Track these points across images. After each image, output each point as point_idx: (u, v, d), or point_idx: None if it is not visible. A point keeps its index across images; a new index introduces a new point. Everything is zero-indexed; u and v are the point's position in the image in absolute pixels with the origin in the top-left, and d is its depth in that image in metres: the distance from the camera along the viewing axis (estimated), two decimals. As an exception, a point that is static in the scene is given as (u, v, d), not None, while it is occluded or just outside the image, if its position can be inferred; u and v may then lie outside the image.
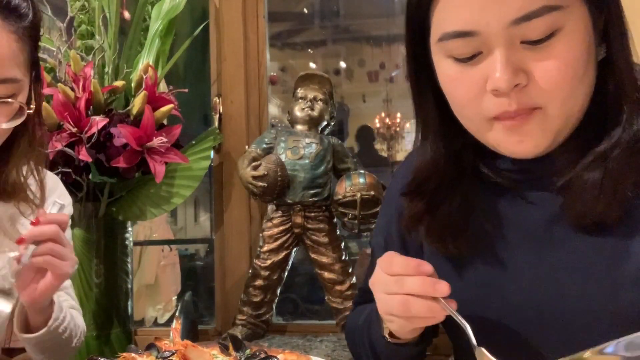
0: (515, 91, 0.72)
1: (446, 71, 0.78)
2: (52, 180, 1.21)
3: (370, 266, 0.95)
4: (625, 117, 0.74)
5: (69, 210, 1.22)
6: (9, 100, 0.95)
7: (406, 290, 0.74)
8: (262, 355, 0.94)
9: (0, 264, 1.06)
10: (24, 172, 1.08)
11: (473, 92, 0.75)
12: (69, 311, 1.10)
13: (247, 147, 1.72)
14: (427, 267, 0.75)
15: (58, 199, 1.17)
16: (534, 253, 0.81)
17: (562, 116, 0.74)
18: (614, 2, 0.76)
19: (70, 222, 1.22)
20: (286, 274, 1.61)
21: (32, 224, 0.94)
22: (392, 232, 0.98)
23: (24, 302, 1.00)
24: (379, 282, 0.79)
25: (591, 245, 0.77)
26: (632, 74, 0.75)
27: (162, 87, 1.69)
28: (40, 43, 1.07)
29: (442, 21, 0.76)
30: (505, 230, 0.84)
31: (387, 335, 0.86)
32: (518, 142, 0.75)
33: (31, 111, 1.00)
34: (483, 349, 0.72)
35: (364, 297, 1.03)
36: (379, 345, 0.90)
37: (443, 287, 0.73)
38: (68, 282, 1.20)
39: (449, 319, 0.77)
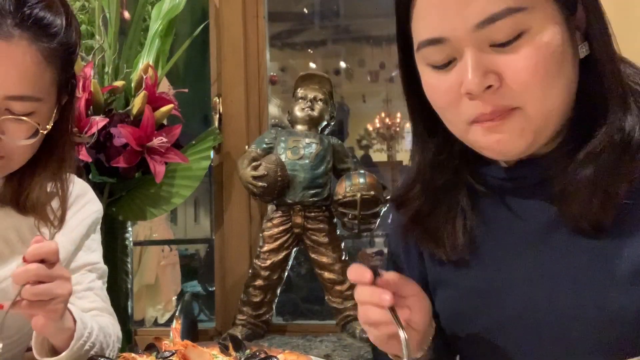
0: (489, 93, 0.72)
1: (427, 79, 0.79)
2: (81, 187, 1.18)
3: None
4: (611, 114, 0.74)
5: (98, 215, 1.19)
6: (24, 118, 0.92)
7: (359, 299, 0.79)
8: (262, 355, 0.94)
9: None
10: (48, 189, 1.05)
11: (450, 98, 0.76)
12: (96, 322, 1.03)
13: (247, 147, 1.72)
14: (368, 274, 0.77)
15: (87, 204, 1.15)
16: (531, 262, 0.80)
17: (540, 115, 0.74)
18: (591, 1, 0.76)
19: (98, 228, 1.21)
20: (286, 274, 1.61)
21: (23, 259, 0.87)
22: (393, 242, 0.99)
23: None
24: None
25: (587, 251, 0.76)
26: (615, 71, 0.75)
27: (164, 85, 1.69)
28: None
29: (417, 31, 0.77)
30: (501, 239, 0.84)
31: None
32: (497, 142, 0.76)
33: (45, 132, 0.97)
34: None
35: None
36: None
37: (386, 297, 0.75)
38: (97, 283, 1.16)
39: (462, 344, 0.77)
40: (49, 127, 0.98)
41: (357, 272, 0.78)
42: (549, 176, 0.78)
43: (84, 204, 1.17)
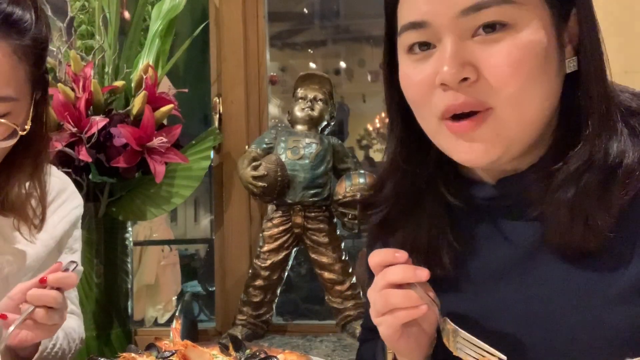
0: (464, 86, 0.70)
1: (404, 69, 0.77)
2: (62, 181, 1.18)
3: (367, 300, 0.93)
4: (591, 132, 0.71)
5: (79, 211, 1.19)
6: (1, 120, 0.90)
7: (388, 280, 0.74)
8: (262, 355, 0.94)
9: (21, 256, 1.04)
10: (27, 187, 1.04)
11: (424, 88, 0.74)
12: (62, 328, 1.04)
13: (247, 147, 1.72)
14: (402, 253, 0.75)
15: (68, 200, 1.15)
16: (518, 284, 0.78)
17: (514, 121, 0.71)
18: (586, 12, 0.74)
19: (79, 224, 1.21)
20: (286, 274, 1.61)
21: (41, 281, 0.90)
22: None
23: (8, 344, 0.94)
24: (371, 288, 0.78)
25: (576, 273, 0.74)
26: (602, 90, 0.72)
27: (164, 85, 1.69)
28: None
29: (401, 15, 0.76)
30: (485, 259, 0.81)
31: None
32: (468, 149, 0.73)
33: (24, 132, 0.94)
34: (447, 319, 0.75)
35: (368, 335, 0.99)
36: None
37: (422, 273, 0.73)
38: None
39: None
40: (27, 127, 0.95)
41: (387, 253, 0.75)
42: (529, 195, 0.75)
43: (65, 199, 1.16)
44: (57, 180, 1.16)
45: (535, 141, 0.75)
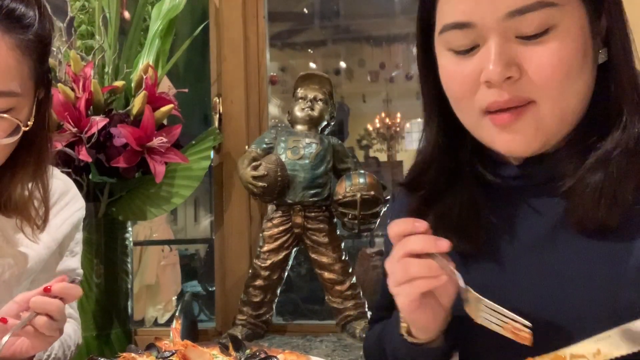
0: (508, 83, 0.73)
1: (445, 65, 0.80)
2: (65, 183, 1.18)
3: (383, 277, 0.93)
4: (625, 119, 0.75)
5: (81, 213, 1.19)
6: (4, 115, 0.89)
7: (409, 249, 0.75)
8: (262, 355, 0.94)
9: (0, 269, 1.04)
10: (30, 188, 1.03)
11: (468, 84, 0.77)
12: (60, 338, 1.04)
13: (247, 147, 1.72)
14: (422, 223, 0.76)
15: (70, 202, 1.14)
16: (537, 258, 0.81)
17: (555, 115, 0.75)
18: (616, 7, 0.77)
19: (81, 227, 1.21)
20: (286, 274, 1.61)
21: (45, 289, 0.90)
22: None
23: (1, 356, 0.93)
24: (389, 258, 0.78)
25: (594, 249, 0.76)
26: (632, 78, 0.76)
27: (165, 85, 1.69)
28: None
29: (443, 15, 0.78)
30: (509, 234, 0.84)
31: (404, 333, 0.84)
32: (510, 140, 0.77)
33: (27, 128, 0.94)
34: (469, 288, 0.75)
35: (379, 314, 1.02)
36: (400, 352, 0.89)
37: (443, 243, 0.74)
38: None
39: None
40: (30, 123, 0.95)
41: (407, 223, 0.76)
42: (557, 175, 0.79)
43: (68, 201, 1.16)
44: (60, 182, 1.15)
45: None
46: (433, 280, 0.74)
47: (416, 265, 0.74)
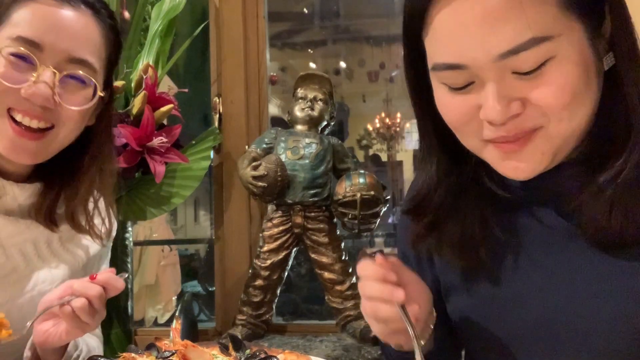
0: (512, 119, 0.70)
1: (441, 97, 0.77)
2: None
3: None
4: (635, 129, 0.72)
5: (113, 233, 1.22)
6: (82, 75, 0.97)
7: (368, 294, 0.78)
8: (262, 355, 0.94)
9: (50, 277, 1.06)
10: (90, 207, 1.09)
11: (467, 118, 0.74)
12: (86, 345, 1.06)
13: (247, 147, 1.72)
14: (391, 275, 0.77)
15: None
16: (548, 271, 0.79)
17: (562, 136, 0.72)
18: (619, 11, 0.73)
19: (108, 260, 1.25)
20: (286, 274, 1.61)
21: (90, 277, 0.92)
22: (405, 251, 0.98)
23: (35, 341, 0.96)
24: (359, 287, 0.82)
25: (606, 262, 0.75)
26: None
27: (165, 85, 1.69)
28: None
29: (432, 52, 0.74)
30: (519, 247, 0.82)
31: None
32: (514, 168, 0.74)
33: (103, 94, 1.02)
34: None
35: None
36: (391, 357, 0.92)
37: (399, 294, 0.75)
38: None
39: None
40: (103, 94, 1.03)
41: (368, 267, 0.78)
42: (565, 188, 0.76)
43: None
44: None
45: None
46: (401, 323, 0.76)
47: (384, 310, 0.78)
